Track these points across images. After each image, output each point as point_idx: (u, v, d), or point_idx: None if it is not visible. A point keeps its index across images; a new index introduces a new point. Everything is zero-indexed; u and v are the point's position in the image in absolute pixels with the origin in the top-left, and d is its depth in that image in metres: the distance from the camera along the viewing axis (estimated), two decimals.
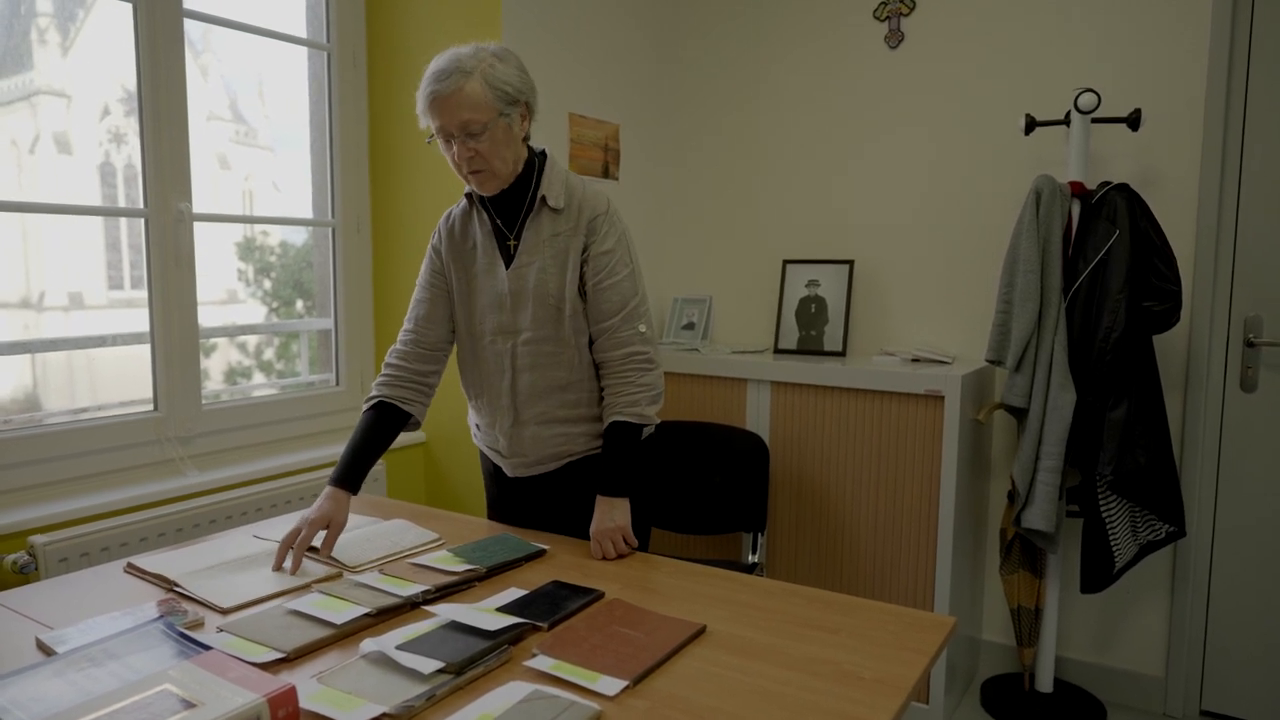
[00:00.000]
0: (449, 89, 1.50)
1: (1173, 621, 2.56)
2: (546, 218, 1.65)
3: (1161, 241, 2.28)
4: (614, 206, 1.68)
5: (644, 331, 1.66)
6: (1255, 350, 2.45)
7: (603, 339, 1.65)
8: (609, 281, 1.63)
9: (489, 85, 1.51)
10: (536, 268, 1.64)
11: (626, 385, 1.64)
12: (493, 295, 1.68)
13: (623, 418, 1.62)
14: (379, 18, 2.60)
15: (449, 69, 1.51)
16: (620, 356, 1.64)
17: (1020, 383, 2.38)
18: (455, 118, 1.52)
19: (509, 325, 1.67)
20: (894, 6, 2.82)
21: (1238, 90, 2.42)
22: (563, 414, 1.69)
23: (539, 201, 1.64)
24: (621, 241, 1.66)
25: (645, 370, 1.65)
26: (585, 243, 1.63)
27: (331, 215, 2.59)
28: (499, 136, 1.55)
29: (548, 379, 1.67)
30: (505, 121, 1.55)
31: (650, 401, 1.65)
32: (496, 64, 1.54)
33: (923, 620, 1.31)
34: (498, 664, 1.16)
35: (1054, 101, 2.61)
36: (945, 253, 2.81)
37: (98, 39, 2.03)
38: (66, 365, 2.03)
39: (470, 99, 1.50)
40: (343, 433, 2.59)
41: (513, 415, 1.70)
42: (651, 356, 1.66)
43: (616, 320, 1.64)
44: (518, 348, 1.67)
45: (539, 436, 1.70)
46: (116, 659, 1.10)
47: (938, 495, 2.40)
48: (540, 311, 1.64)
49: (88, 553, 1.79)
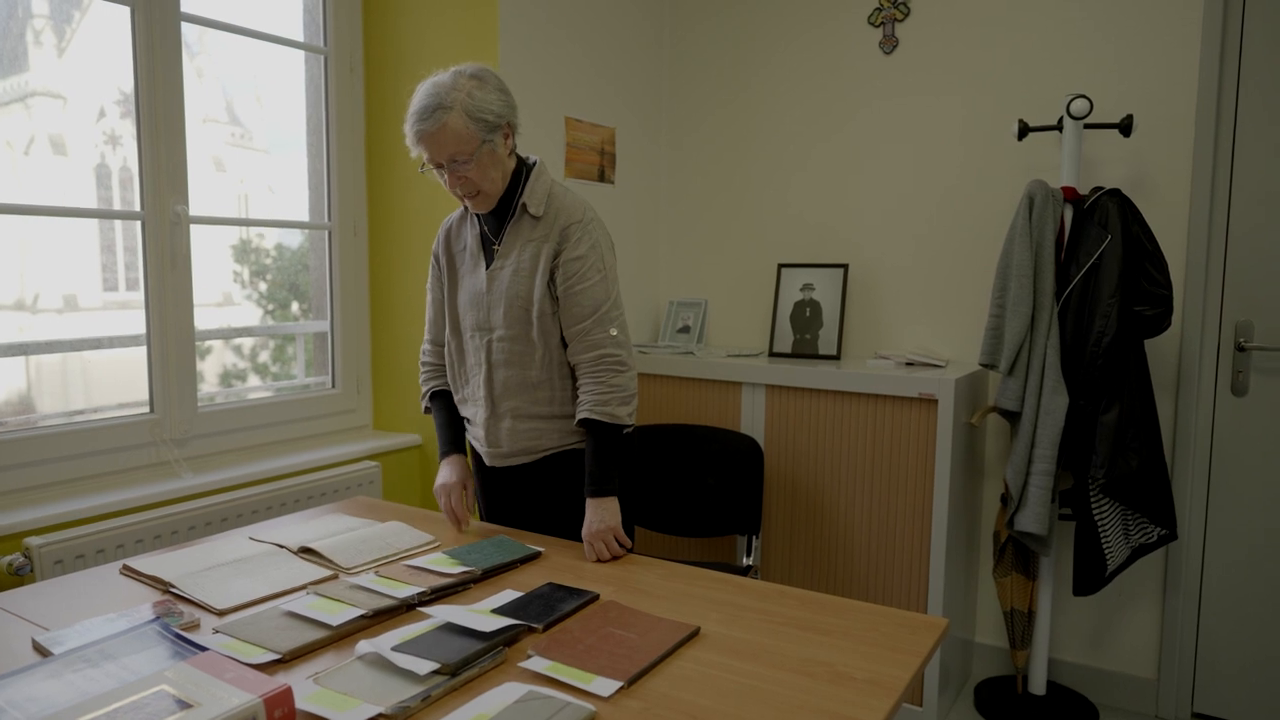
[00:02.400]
0: (432, 127, 1.58)
1: (1164, 624, 2.57)
2: (526, 224, 1.73)
3: (1153, 246, 2.30)
4: (593, 215, 1.74)
5: (615, 335, 1.71)
6: (1246, 354, 2.47)
7: (575, 341, 1.71)
8: (580, 286, 1.69)
9: (470, 117, 1.59)
10: (510, 270, 1.72)
11: (598, 385, 1.69)
12: (473, 293, 1.78)
13: (594, 416, 1.67)
14: (376, 21, 2.60)
15: (430, 105, 1.59)
16: (592, 358, 1.70)
17: (1013, 386, 2.39)
18: (442, 152, 1.60)
19: (484, 323, 1.76)
20: (888, 12, 2.84)
21: (1228, 96, 2.44)
22: (535, 410, 1.76)
23: (520, 208, 1.73)
24: (595, 249, 1.71)
25: (617, 372, 1.70)
26: (557, 249, 1.70)
27: (328, 218, 2.60)
28: (485, 161, 1.63)
29: (520, 376, 1.74)
30: (489, 147, 1.63)
31: (621, 402, 1.69)
32: (475, 92, 1.61)
33: (915, 622, 1.32)
34: (493, 665, 1.17)
35: (1047, 107, 2.63)
36: (939, 257, 2.82)
37: (93, 41, 2.03)
38: (61, 367, 2.03)
39: (453, 133, 1.58)
40: (338, 435, 2.59)
41: (490, 408, 1.78)
42: (624, 360, 1.71)
43: (588, 323, 1.70)
44: (493, 344, 1.75)
45: (514, 430, 1.77)
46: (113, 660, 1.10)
47: (931, 498, 2.41)
48: (512, 312, 1.72)
49: (83, 555, 1.79)
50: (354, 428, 2.66)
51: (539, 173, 1.76)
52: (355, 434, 2.64)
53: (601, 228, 1.76)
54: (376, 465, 2.44)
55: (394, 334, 2.66)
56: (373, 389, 2.72)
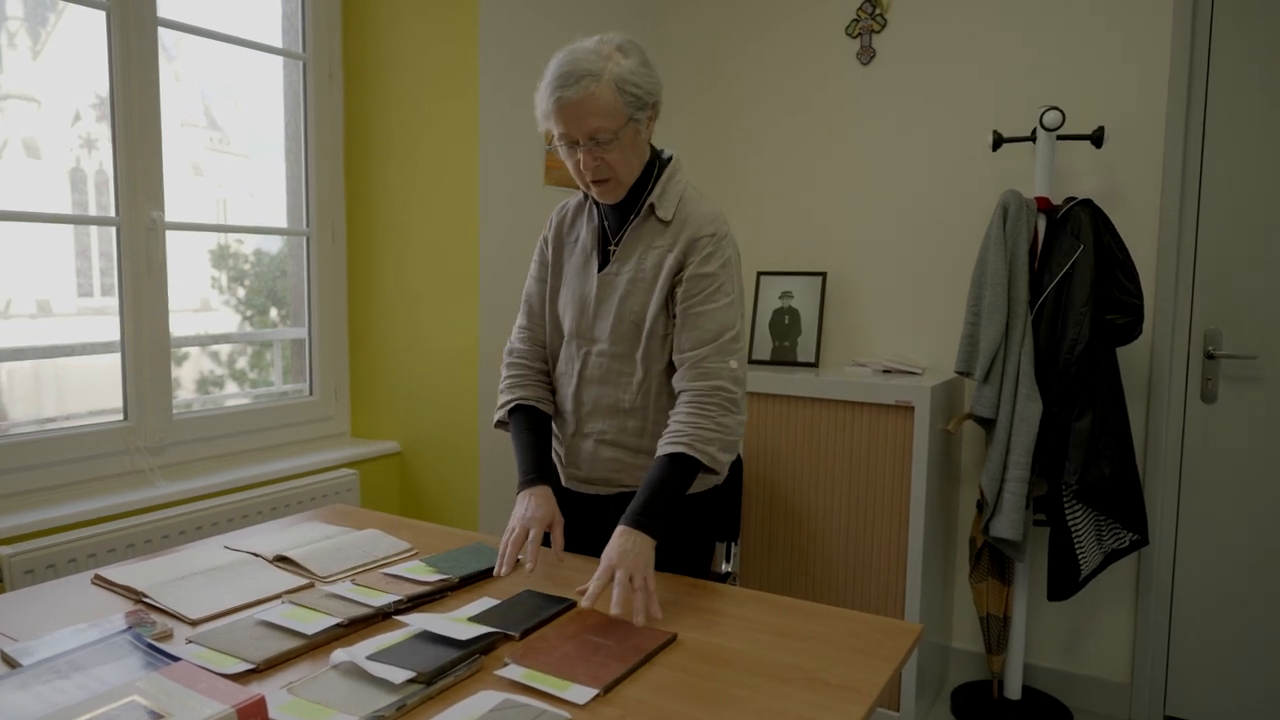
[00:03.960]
0: (577, 95, 1.37)
1: (1137, 628, 2.61)
2: (651, 228, 1.53)
3: (1124, 256, 2.34)
4: (728, 230, 1.53)
5: (735, 369, 1.47)
6: (1215, 362, 2.51)
7: (688, 368, 1.46)
8: (705, 307, 1.47)
9: (619, 89, 1.39)
10: (627, 278, 1.52)
11: (705, 420, 1.42)
12: (579, 295, 1.58)
13: (690, 452, 1.40)
14: (355, 27, 2.60)
15: (577, 71, 1.38)
16: (705, 389, 1.44)
17: (988, 394, 2.42)
18: (584, 126, 1.40)
19: (586, 331, 1.57)
20: (866, 23, 2.87)
21: (1197, 108, 2.48)
22: (622, 440, 1.57)
23: (647, 209, 1.53)
24: (728, 268, 1.49)
25: (728, 411, 1.44)
26: (682, 262, 1.48)
27: (306, 224, 2.59)
28: (627, 143, 1.44)
29: (612, 398, 1.56)
30: (634, 126, 1.44)
31: (724, 448, 1.43)
32: (623, 61, 1.41)
33: (890, 627, 1.33)
34: (469, 673, 1.16)
35: (1021, 118, 2.67)
36: (916, 265, 2.85)
37: (69, 44, 2.01)
38: (34, 374, 2.01)
39: (600, 105, 1.38)
40: (315, 442, 2.57)
41: (574, 425, 1.61)
42: (738, 399, 1.46)
43: (708, 349, 1.45)
44: (590, 357, 1.57)
45: (596, 456, 1.59)
46: (83, 671, 1.09)
47: (908, 504, 2.43)
48: (619, 325, 1.53)
49: (54, 564, 1.77)
50: (331, 435, 2.64)
51: (673, 170, 1.55)
52: (333, 441, 2.63)
53: (735, 246, 1.54)
54: (354, 473, 2.42)
55: (372, 341, 2.65)
56: (351, 396, 2.70)
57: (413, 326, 2.58)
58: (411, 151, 2.54)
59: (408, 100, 2.53)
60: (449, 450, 2.54)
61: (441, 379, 2.54)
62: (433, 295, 2.54)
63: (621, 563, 1.31)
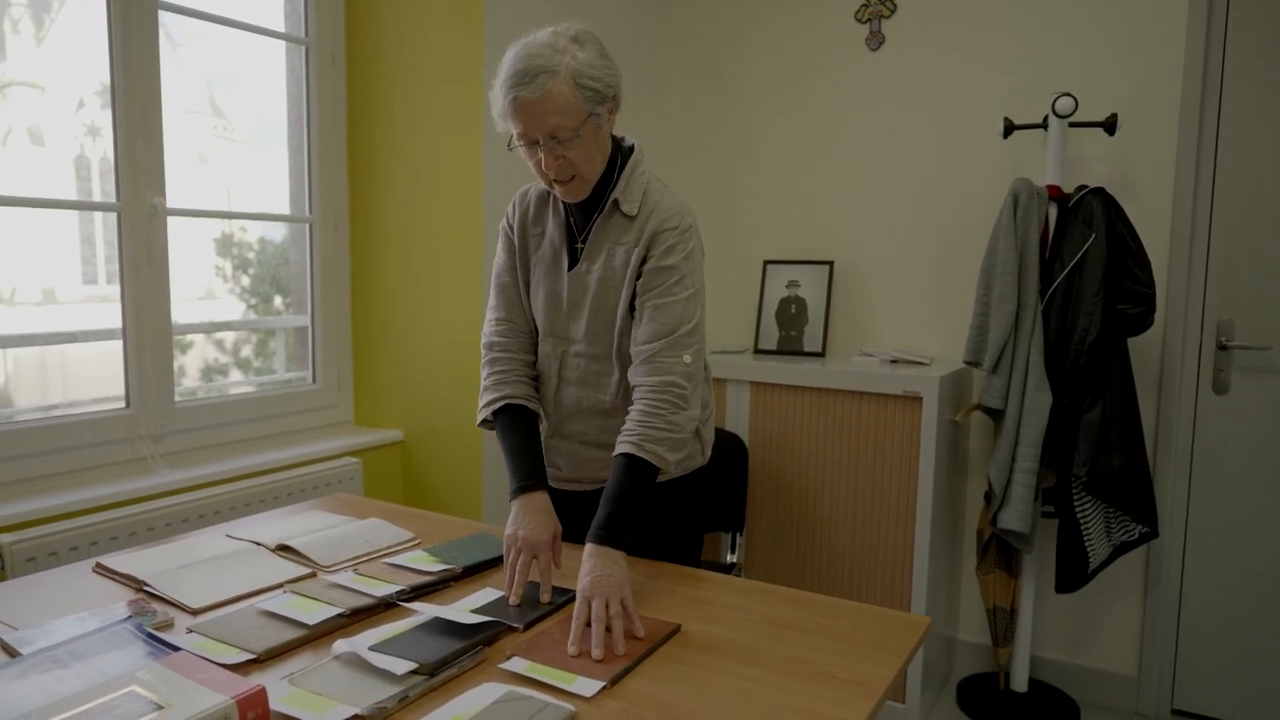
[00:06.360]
0: (534, 94, 1.33)
1: (1145, 621, 2.59)
2: (617, 223, 1.49)
3: (1136, 245, 2.31)
4: (692, 223, 1.49)
5: (688, 363, 1.44)
6: (1227, 353, 2.48)
7: (642, 363, 1.45)
8: (663, 300, 1.44)
9: (577, 84, 1.35)
10: (597, 277, 1.50)
11: (654, 419, 1.41)
12: (552, 294, 1.55)
13: (638, 452, 1.39)
14: (358, 11, 2.57)
15: (531, 69, 1.33)
16: (656, 385, 1.42)
17: (997, 384, 2.39)
18: (543, 125, 1.35)
19: (562, 331, 1.55)
20: (875, 9, 2.83)
21: (1212, 96, 2.45)
22: (604, 439, 1.56)
23: (612, 204, 1.49)
24: (689, 260, 1.47)
25: (678, 409, 1.42)
26: (645, 255, 1.46)
27: (309, 211, 2.57)
28: (589, 139, 1.40)
29: (592, 400, 1.55)
30: (595, 122, 1.40)
31: (672, 446, 1.41)
32: (580, 54, 1.37)
33: (898, 620, 1.31)
34: (472, 665, 1.15)
35: (1032, 105, 2.64)
36: (924, 254, 2.82)
37: (73, 30, 2.00)
38: (38, 361, 2.00)
39: (558, 103, 1.34)
40: (318, 431, 2.56)
41: (554, 425, 1.60)
42: (688, 396, 1.44)
43: (660, 344, 1.43)
44: (568, 357, 1.56)
45: (577, 455, 1.60)
46: (83, 660, 1.08)
47: (915, 496, 2.41)
48: (594, 325, 1.51)
49: (56, 552, 1.77)
50: (334, 423, 2.63)
51: (636, 161, 1.51)
52: (336, 430, 2.62)
53: (699, 238, 1.51)
54: (357, 462, 2.42)
55: (376, 329, 2.64)
56: (354, 384, 2.69)
57: (416, 314, 2.56)
58: (415, 138, 2.52)
59: (411, 86, 2.51)
60: (452, 439, 2.53)
61: (445, 367, 2.53)
62: (436, 283, 2.52)
63: (596, 591, 1.26)
